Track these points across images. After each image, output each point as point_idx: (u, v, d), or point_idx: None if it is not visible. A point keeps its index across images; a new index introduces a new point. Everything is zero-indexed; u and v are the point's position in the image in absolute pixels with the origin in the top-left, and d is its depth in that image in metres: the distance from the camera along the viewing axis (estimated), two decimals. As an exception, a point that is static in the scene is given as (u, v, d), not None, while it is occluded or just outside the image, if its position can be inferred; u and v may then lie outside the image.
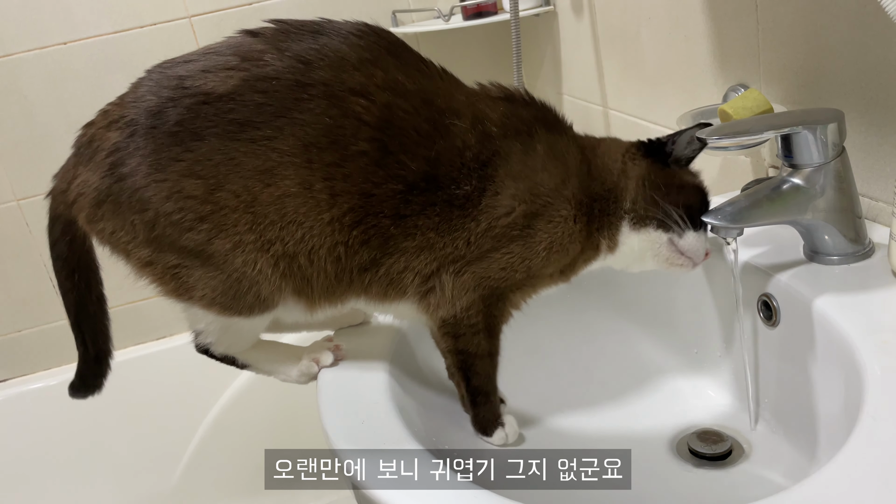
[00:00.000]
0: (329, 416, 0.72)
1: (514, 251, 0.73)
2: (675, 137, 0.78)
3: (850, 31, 0.78)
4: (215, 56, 0.70)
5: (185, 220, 0.68)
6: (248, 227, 0.69)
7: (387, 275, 0.73)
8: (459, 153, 0.71)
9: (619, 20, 1.30)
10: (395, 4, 1.74)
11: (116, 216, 0.70)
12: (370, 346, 0.83)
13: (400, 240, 0.71)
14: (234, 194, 0.68)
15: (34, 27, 1.58)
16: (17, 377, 1.76)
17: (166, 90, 0.69)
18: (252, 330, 0.78)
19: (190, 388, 1.72)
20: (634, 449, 0.80)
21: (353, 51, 0.69)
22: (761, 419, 0.81)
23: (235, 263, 0.70)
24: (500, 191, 0.72)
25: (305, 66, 0.68)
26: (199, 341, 0.78)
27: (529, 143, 0.73)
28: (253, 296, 0.72)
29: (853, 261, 0.76)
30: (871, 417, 0.56)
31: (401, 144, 0.69)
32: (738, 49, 0.98)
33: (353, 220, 0.70)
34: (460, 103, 0.72)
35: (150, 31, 1.63)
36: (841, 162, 0.74)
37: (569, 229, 0.74)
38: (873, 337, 0.64)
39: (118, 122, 0.70)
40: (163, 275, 0.72)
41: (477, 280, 0.73)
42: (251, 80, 0.68)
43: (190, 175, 0.67)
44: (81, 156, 0.72)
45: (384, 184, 0.69)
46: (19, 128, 1.62)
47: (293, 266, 0.71)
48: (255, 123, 0.67)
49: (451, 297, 0.74)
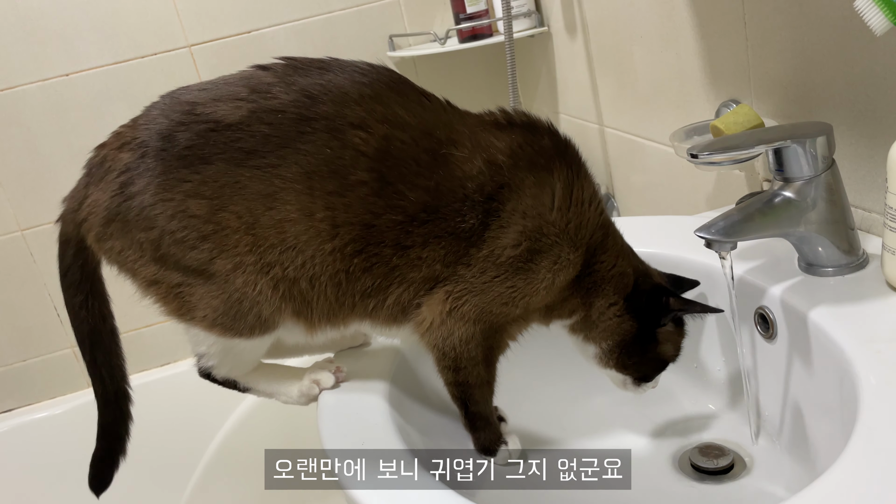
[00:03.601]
0: (330, 438, 0.72)
1: (516, 285, 0.73)
2: (673, 310, 0.79)
3: (836, 45, 0.80)
4: (226, 86, 0.72)
5: (188, 238, 0.70)
6: (249, 248, 0.70)
7: (397, 303, 0.74)
8: (461, 184, 0.71)
9: (611, 39, 1.32)
10: (392, 29, 1.76)
11: (124, 235, 0.72)
12: (371, 368, 0.83)
13: (406, 270, 0.72)
14: (237, 215, 0.69)
15: (37, 59, 1.61)
16: (22, 406, 1.77)
17: (178, 115, 0.71)
18: (253, 352, 0.78)
19: (194, 415, 1.71)
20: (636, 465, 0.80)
21: (356, 87, 0.71)
22: (762, 432, 0.81)
23: (236, 283, 0.71)
24: (509, 224, 0.72)
25: (310, 100, 0.70)
26: (202, 365, 0.79)
27: (546, 179, 0.73)
28: (254, 316, 0.73)
29: (847, 272, 0.76)
30: (866, 427, 0.56)
31: (399, 175, 0.70)
32: (729, 65, 0.99)
33: (354, 250, 0.71)
34: (461, 134, 0.73)
35: (151, 61, 1.65)
36: (831, 174, 0.75)
37: (569, 274, 0.75)
38: (868, 347, 0.64)
39: (130, 144, 0.72)
40: (167, 294, 0.73)
41: (478, 313, 0.73)
42: (259, 111, 0.70)
43: (195, 195, 0.69)
44: (93, 176, 0.74)
45: (384, 214, 0.70)
46: (23, 158, 1.64)
47: (293, 290, 0.72)
48: (260, 153, 0.69)
49: (451, 326, 0.74)
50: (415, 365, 0.87)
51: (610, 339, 0.79)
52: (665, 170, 1.25)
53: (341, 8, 1.72)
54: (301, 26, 1.70)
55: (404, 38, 1.78)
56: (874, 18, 0.63)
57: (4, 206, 1.66)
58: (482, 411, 0.78)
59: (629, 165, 1.40)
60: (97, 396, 0.82)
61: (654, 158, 1.28)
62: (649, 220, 1.07)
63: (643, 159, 1.33)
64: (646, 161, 1.32)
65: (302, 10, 1.70)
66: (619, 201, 1.48)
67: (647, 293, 0.79)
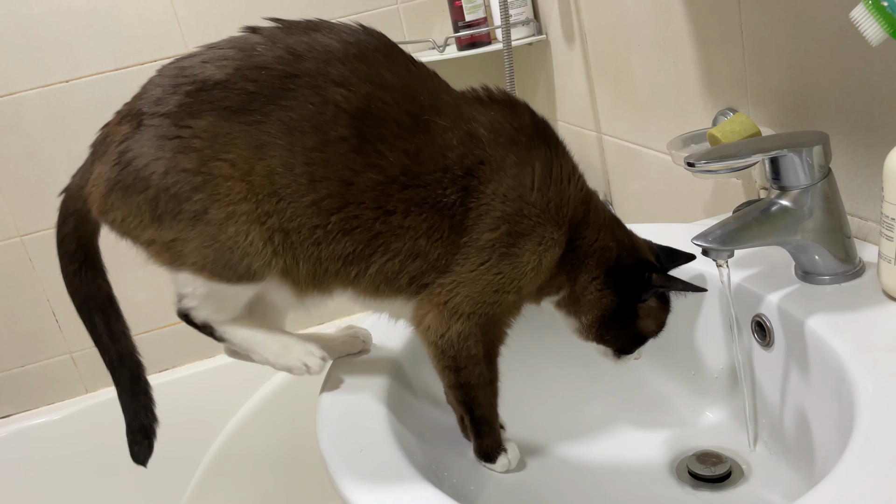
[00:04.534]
0: (328, 445, 0.72)
1: (503, 271, 0.73)
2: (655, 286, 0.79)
3: (833, 55, 0.80)
4: (216, 49, 0.74)
5: (181, 192, 0.70)
6: (243, 196, 0.70)
7: (380, 273, 0.74)
8: (441, 152, 0.72)
9: (609, 48, 1.33)
10: (391, 36, 1.72)
11: (124, 201, 0.73)
12: (369, 374, 0.83)
13: (390, 238, 0.72)
14: (230, 164, 0.70)
15: (37, 66, 1.61)
16: (20, 412, 1.76)
17: (168, 79, 0.73)
18: (235, 297, 0.77)
19: (194, 421, 1.71)
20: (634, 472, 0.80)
21: (342, 46, 0.72)
22: (760, 440, 0.81)
23: (228, 232, 0.71)
24: (490, 207, 0.72)
25: (294, 57, 0.71)
26: (182, 306, 0.79)
27: (526, 158, 0.74)
28: (244, 267, 0.73)
29: (844, 280, 0.77)
30: (863, 436, 0.57)
31: (378, 134, 0.71)
32: (726, 74, 0.99)
33: (332, 206, 0.71)
34: (445, 103, 0.73)
35: (151, 68, 1.63)
36: (828, 183, 0.75)
37: (555, 253, 0.76)
38: (865, 356, 0.65)
39: (127, 117, 0.74)
40: (161, 249, 0.74)
41: (472, 304, 0.74)
42: (244, 68, 0.71)
43: (185, 149, 0.70)
44: (97, 153, 0.76)
45: (363, 172, 0.71)
46: (22, 164, 1.64)
47: (285, 243, 0.72)
48: (247, 110, 0.70)
49: (447, 321, 0.74)
50: (411, 372, 0.87)
51: (590, 313, 0.80)
52: (662, 177, 1.26)
53: (340, 15, 1.73)
54: (301, 33, 1.71)
55: (403, 45, 1.78)
56: (870, 29, 0.64)
57: (4, 213, 1.66)
58: (487, 415, 0.78)
59: (627, 173, 1.41)
60: (106, 365, 0.83)
61: (651, 166, 1.29)
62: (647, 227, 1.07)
63: (641, 167, 1.33)
64: (643, 169, 1.33)
65: (301, 16, 1.70)
66: (617, 208, 1.49)
67: (628, 268, 0.79)
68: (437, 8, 1.77)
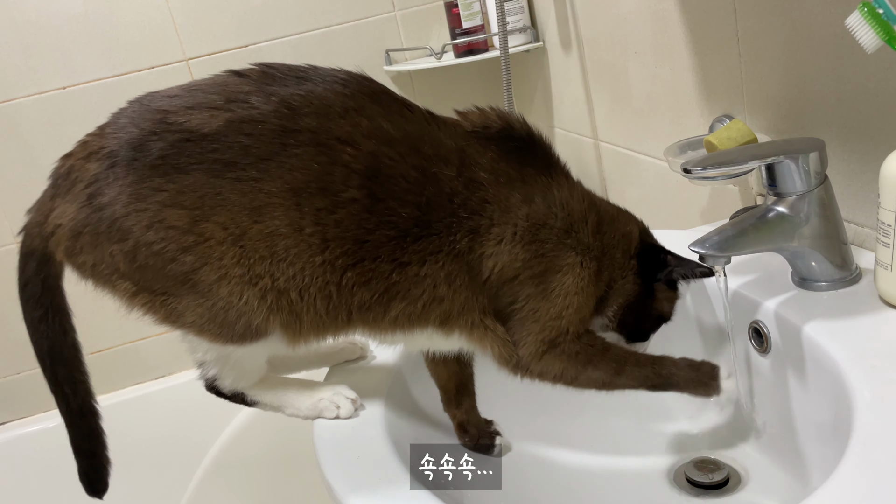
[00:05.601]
0: (325, 452, 0.72)
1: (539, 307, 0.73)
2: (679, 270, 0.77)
3: (829, 62, 0.80)
4: (200, 94, 0.70)
5: (167, 249, 0.68)
6: (236, 260, 0.68)
7: (404, 314, 0.72)
8: (448, 199, 0.70)
9: (606, 55, 1.33)
10: (389, 43, 1.77)
11: (95, 248, 0.70)
12: (367, 382, 0.83)
13: (406, 287, 0.71)
14: (222, 226, 0.68)
15: (34, 73, 1.61)
16: (16, 419, 1.76)
17: (149, 123, 0.69)
18: (252, 359, 0.77)
19: (190, 427, 1.71)
20: (632, 479, 0.80)
21: (338, 99, 0.70)
22: (757, 446, 0.81)
23: (221, 293, 0.69)
24: (501, 241, 0.71)
25: (291, 111, 0.68)
26: (205, 376, 0.78)
27: (525, 192, 0.73)
28: (242, 325, 0.71)
29: (841, 286, 0.77)
30: (860, 443, 0.57)
31: (389, 191, 0.69)
32: (722, 81, 1.00)
33: (346, 264, 0.69)
34: (447, 149, 0.72)
35: (148, 75, 1.66)
36: (824, 189, 0.75)
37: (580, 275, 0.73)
38: (862, 362, 0.65)
39: (98, 154, 0.69)
40: (151, 303, 0.71)
41: (528, 334, 0.73)
42: (236, 121, 0.68)
43: (173, 205, 0.67)
44: (59, 188, 0.72)
45: (377, 230, 0.69)
46: (19, 171, 1.64)
47: (282, 301, 0.70)
48: (240, 165, 0.67)
49: (544, 366, 0.73)
50: (409, 380, 0.87)
51: (617, 301, 0.78)
52: (659, 184, 1.26)
53: (338, 22, 1.73)
54: (298, 40, 1.71)
55: (401, 52, 1.79)
56: (865, 36, 0.64)
57: (0, 220, 1.66)
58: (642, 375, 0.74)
59: (624, 180, 1.41)
60: (63, 415, 0.80)
61: (648, 173, 1.29)
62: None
63: (638, 174, 1.34)
64: (640, 175, 1.33)
65: (299, 24, 1.71)
66: (615, 215, 1.49)
67: (649, 249, 0.78)
68: (434, 15, 1.78)
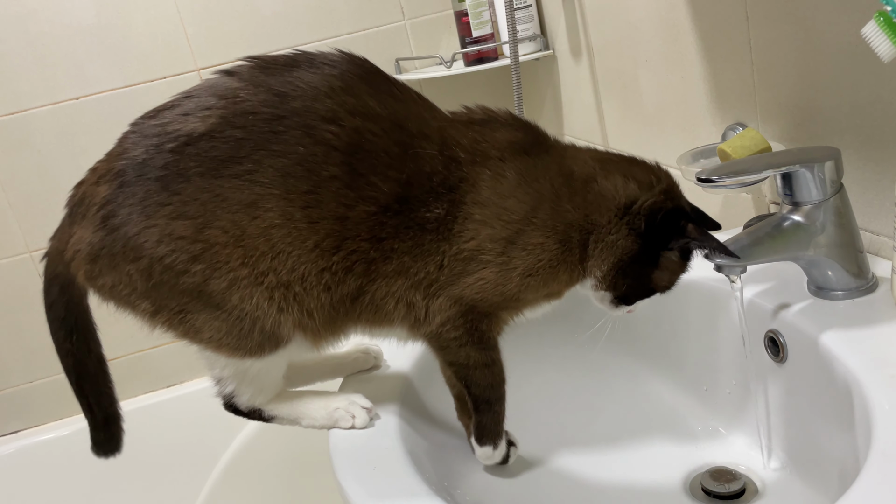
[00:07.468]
0: (340, 463, 0.72)
1: (486, 277, 0.72)
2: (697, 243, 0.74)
3: (843, 71, 0.80)
4: (194, 98, 0.71)
5: (178, 261, 0.69)
6: (241, 261, 0.69)
7: (372, 301, 0.73)
8: (428, 178, 0.71)
9: (617, 63, 1.33)
10: (399, 52, 1.78)
11: (113, 269, 0.71)
12: (379, 392, 0.83)
13: (381, 264, 0.72)
14: (223, 230, 0.69)
15: (47, 83, 1.62)
16: (29, 428, 1.77)
17: (150, 138, 0.70)
18: (269, 373, 0.77)
19: (201, 436, 1.71)
20: (647, 489, 0.80)
21: (326, 80, 0.71)
22: (774, 456, 0.81)
23: (233, 301, 0.70)
24: (469, 216, 0.72)
25: (280, 98, 0.69)
26: (223, 393, 0.78)
27: (499, 169, 0.73)
28: (258, 332, 0.72)
29: (857, 295, 0.76)
30: (880, 454, 0.56)
31: (370, 166, 0.70)
32: (735, 89, 1.00)
33: (332, 245, 0.70)
34: (431, 129, 0.73)
35: (160, 85, 1.67)
36: (840, 198, 0.75)
37: (546, 257, 0.73)
38: (880, 371, 0.64)
39: (106, 176, 0.71)
40: (171, 320, 0.73)
41: (451, 301, 0.73)
42: (229, 116, 0.69)
43: (178, 217, 0.68)
44: (75, 215, 0.73)
45: (356, 205, 0.70)
46: (32, 181, 1.66)
47: (288, 296, 0.71)
48: (236, 158, 0.68)
49: (428, 318, 0.74)
50: (422, 390, 0.87)
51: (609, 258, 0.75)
52: (672, 192, 1.25)
53: (348, 32, 1.74)
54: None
55: (411, 61, 1.79)
56: (881, 45, 0.64)
57: (13, 229, 1.67)
58: (483, 395, 0.76)
59: (635, 187, 1.41)
60: (88, 422, 0.82)
61: (660, 180, 1.29)
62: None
63: (649, 181, 1.33)
64: (652, 183, 1.32)
65: (310, 33, 1.72)
66: (626, 223, 1.49)
67: (662, 212, 0.74)
68: (444, 24, 1.78)
